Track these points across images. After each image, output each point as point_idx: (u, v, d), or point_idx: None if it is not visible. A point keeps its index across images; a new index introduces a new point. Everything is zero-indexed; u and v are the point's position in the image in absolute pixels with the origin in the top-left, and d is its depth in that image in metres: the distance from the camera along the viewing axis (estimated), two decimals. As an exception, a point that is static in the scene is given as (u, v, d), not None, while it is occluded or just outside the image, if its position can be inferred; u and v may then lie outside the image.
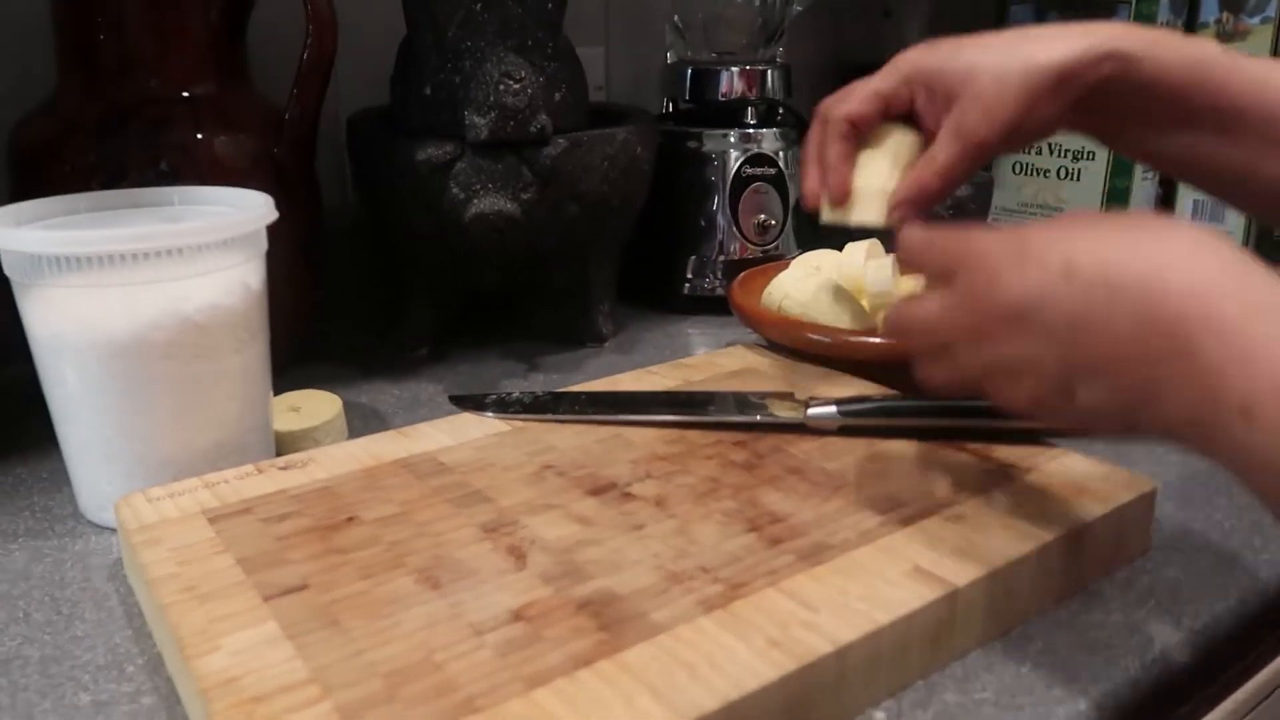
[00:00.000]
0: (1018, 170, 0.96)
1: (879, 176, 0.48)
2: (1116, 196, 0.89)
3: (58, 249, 0.42)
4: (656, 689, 0.30)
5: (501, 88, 0.57)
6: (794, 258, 0.68)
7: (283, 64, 0.59)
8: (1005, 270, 0.33)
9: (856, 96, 0.49)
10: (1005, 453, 0.46)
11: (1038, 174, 0.94)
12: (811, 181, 0.50)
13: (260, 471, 0.45)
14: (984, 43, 0.46)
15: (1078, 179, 0.92)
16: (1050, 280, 0.31)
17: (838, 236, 0.68)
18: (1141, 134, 0.45)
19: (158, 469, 0.45)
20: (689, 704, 0.29)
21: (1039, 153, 0.94)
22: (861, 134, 0.49)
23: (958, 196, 0.77)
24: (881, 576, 0.36)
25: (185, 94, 0.58)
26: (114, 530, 0.46)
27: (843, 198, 0.49)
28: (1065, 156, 0.92)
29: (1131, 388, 0.30)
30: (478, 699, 0.30)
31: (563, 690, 0.30)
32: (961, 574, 0.36)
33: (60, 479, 0.49)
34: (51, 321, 0.43)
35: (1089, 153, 0.90)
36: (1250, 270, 0.29)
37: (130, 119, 0.55)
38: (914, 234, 0.38)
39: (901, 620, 0.34)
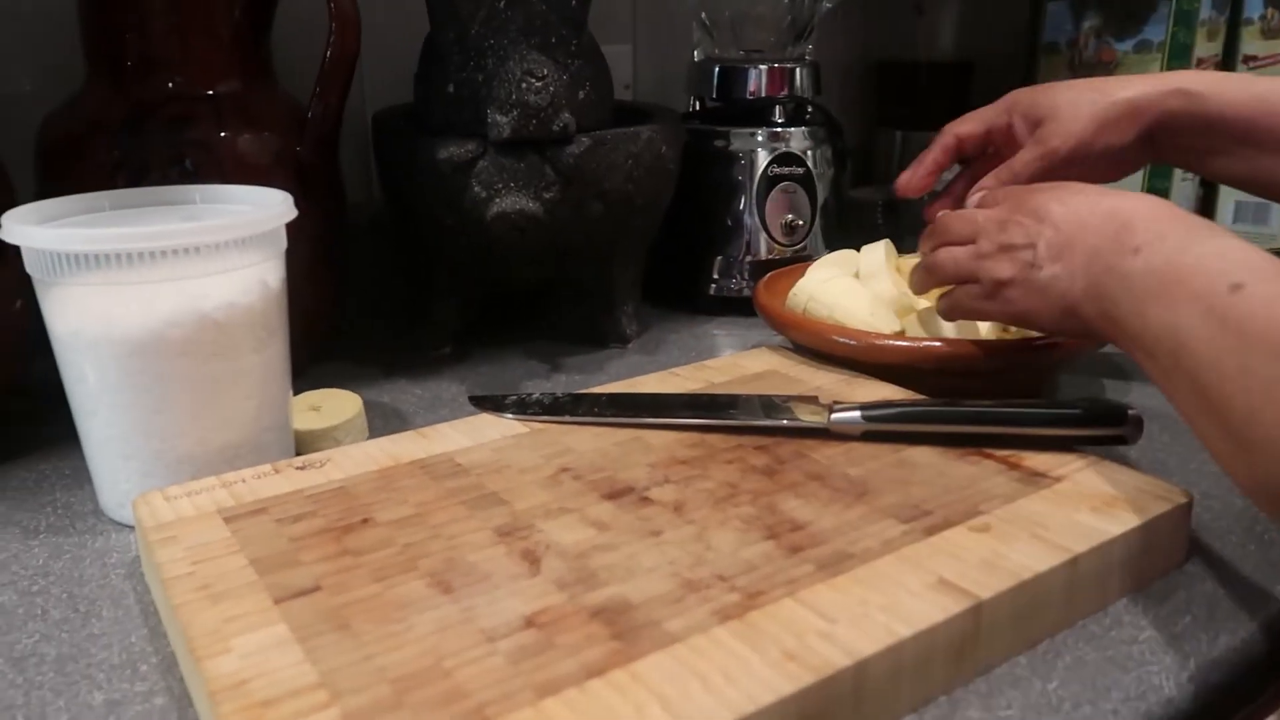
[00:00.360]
0: (1052, 170, 0.94)
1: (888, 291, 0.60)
2: (1154, 194, 0.87)
3: (76, 247, 0.42)
4: (668, 700, 0.29)
5: (524, 85, 0.56)
6: (820, 259, 0.67)
7: (310, 61, 0.59)
8: (1040, 191, 0.48)
9: (968, 118, 0.61)
10: (1035, 460, 0.44)
11: (1073, 174, 0.92)
12: (904, 175, 0.63)
13: (277, 471, 0.45)
14: (1075, 83, 0.57)
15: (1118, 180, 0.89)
16: (1067, 196, 0.45)
17: (862, 237, 0.67)
18: (1210, 158, 0.55)
19: (175, 467, 0.45)
20: (701, 716, 0.29)
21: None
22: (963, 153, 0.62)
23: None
24: (904, 587, 0.35)
25: (209, 92, 0.58)
26: (133, 528, 0.46)
27: (911, 188, 0.63)
28: (1101, 156, 0.90)
29: (1079, 261, 0.43)
30: (487, 707, 0.29)
31: (573, 700, 0.29)
32: (986, 586, 0.35)
33: (83, 476, 0.49)
34: (71, 319, 0.43)
35: (1126, 152, 0.88)
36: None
37: (153, 116, 0.56)
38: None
39: (924, 633, 0.33)
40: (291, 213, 0.48)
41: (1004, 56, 1.05)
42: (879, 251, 0.63)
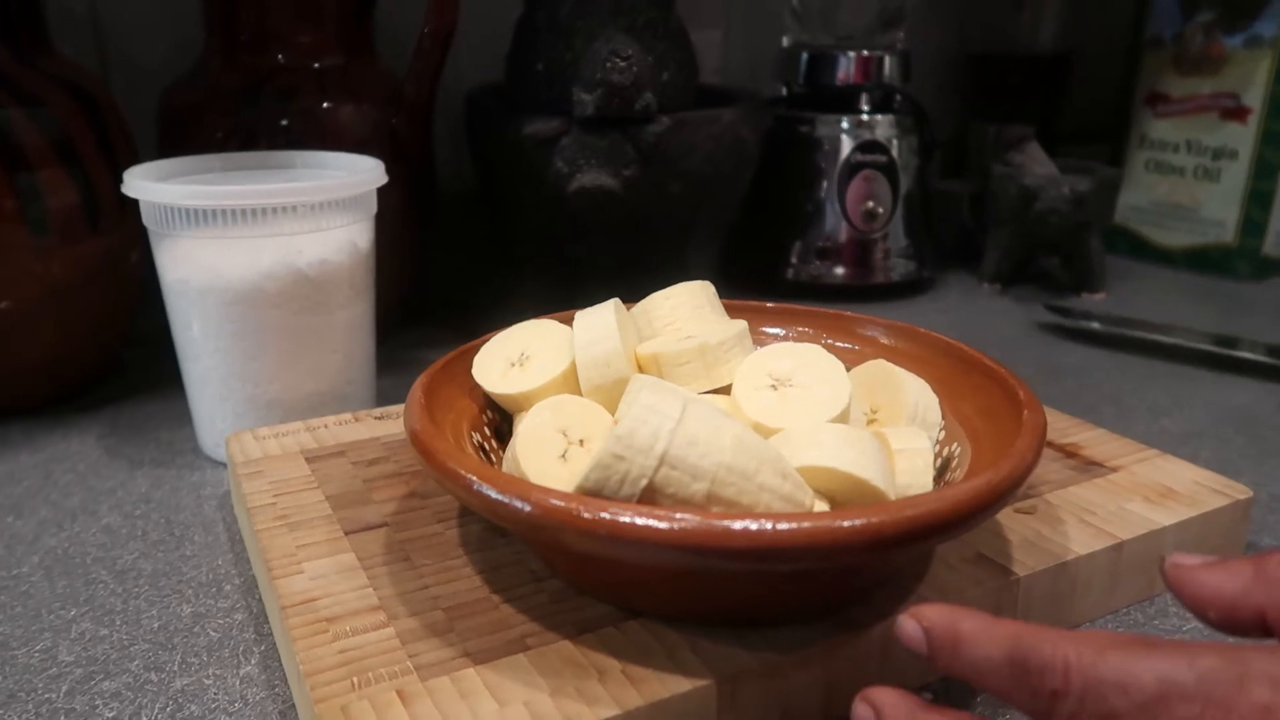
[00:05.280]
0: (1150, 167, 0.91)
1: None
2: (1259, 200, 0.84)
3: (188, 201, 0.45)
4: (699, 648, 0.31)
5: (609, 65, 0.58)
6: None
7: (412, 38, 0.62)
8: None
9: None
10: (1094, 450, 0.44)
11: (1172, 172, 0.90)
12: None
13: (357, 420, 0.48)
14: None
15: (1217, 179, 0.87)
16: None
17: (947, 230, 0.65)
18: None
19: (265, 411, 0.49)
20: (726, 660, 0.30)
21: (1175, 150, 0.89)
22: None
23: (1077, 191, 0.74)
24: (942, 560, 0.36)
25: (315, 65, 0.61)
26: (225, 465, 0.50)
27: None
28: (1204, 154, 0.87)
29: None
30: (529, 637, 0.31)
31: (609, 638, 0.31)
32: (1024, 564, 0.35)
33: (185, 417, 0.53)
34: (180, 269, 0.47)
35: (1231, 150, 0.85)
36: None
37: (263, 88, 0.59)
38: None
39: (959, 602, 0.33)
40: (382, 179, 0.51)
41: (1103, 50, 1.02)
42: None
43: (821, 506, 0.31)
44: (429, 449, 0.31)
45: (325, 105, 0.61)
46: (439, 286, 0.79)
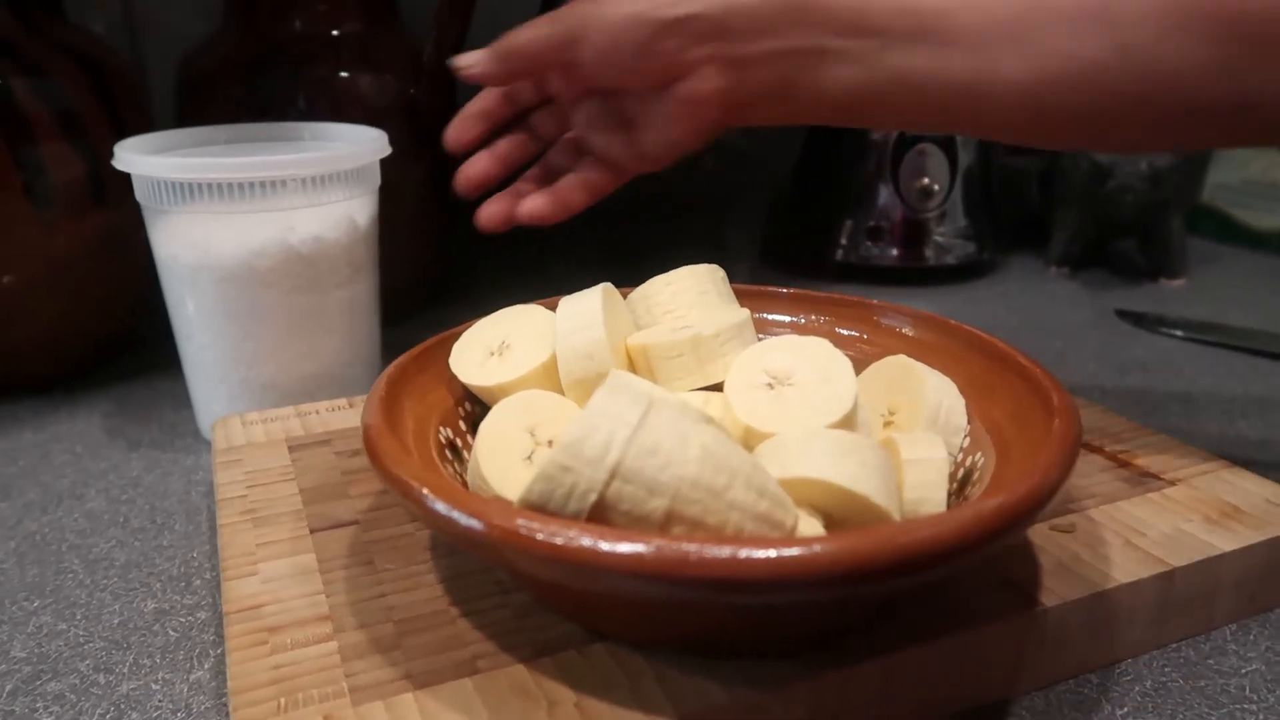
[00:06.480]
0: (1243, 142, 0.84)
1: None
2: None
3: (175, 175, 0.43)
4: (666, 679, 0.27)
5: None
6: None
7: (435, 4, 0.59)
8: None
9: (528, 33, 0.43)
10: (1150, 459, 0.39)
11: (1268, 147, 0.82)
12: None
13: (351, 405, 0.45)
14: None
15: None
16: None
17: (1010, 207, 0.60)
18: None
19: (261, 394, 0.47)
20: (695, 696, 0.27)
21: (1272, 123, 0.81)
22: None
23: (1155, 167, 0.68)
24: (965, 583, 0.32)
25: (333, 33, 0.59)
26: None
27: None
28: (1305, 128, 0.79)
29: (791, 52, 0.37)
30: (481, 659, 0.28)
31: (569, 663, 0.28)
32: (1055, 592, 0.31)
33: (190, 397, 0.52)
34: (170, 245, 0.45)
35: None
36: None
37: (277, 56, 0.57)
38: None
39: (976, 635, 0.29)
40: (382, 151, 0.48)
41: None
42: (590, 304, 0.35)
43: (814, 526, 0.28)
44: (373, 448, 0.28)
45: (343, 75, 0.58)
46: (468, 266, 0.76)
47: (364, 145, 0.47)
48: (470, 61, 0.41)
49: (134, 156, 0.44)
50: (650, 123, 0.40)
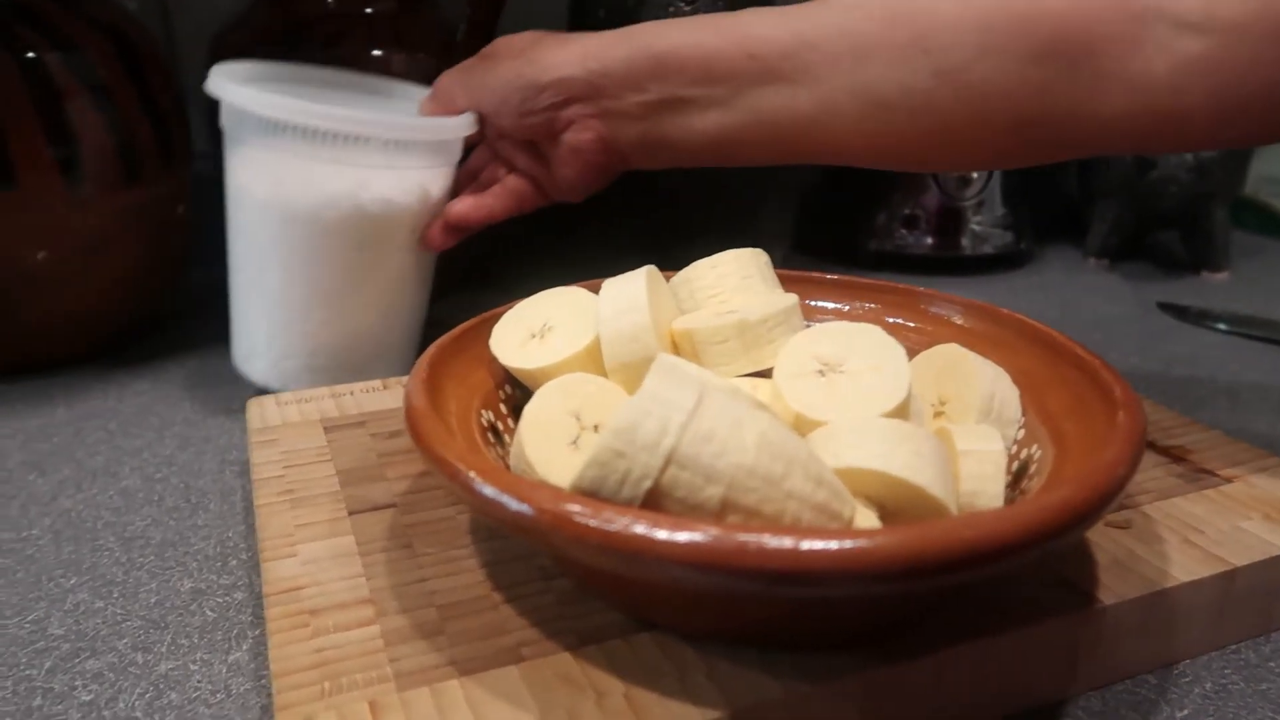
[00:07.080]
0: (1289, 133, 0.82)
1: None
2: None
3: (259, 108, 0.43)
4: (715, 670, 0.27)
5: (671, 11, 0.53)
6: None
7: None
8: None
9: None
10: (1205, 454, 0.38)
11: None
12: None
13: (385, 388, 0.45)
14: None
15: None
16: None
17: (1045, 196, 0.59)
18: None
19: (299, 340, 0.47)
20: (747, 688, 0.26)
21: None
22: None
23: (1201, 158, 0.66)
24: (1020, 579, 0.31)
25: (366, 10, 0.58)
26: (250, 384, 0.49)
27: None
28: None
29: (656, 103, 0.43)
30: (525, 646, 0.28)
31: (615, 652, 0.27)
32: (1112, 590, 0.30)
33: (225, 376, 0.52)
34: (244, 175, 0.45)
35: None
36: None
37: (309, 33, 0.57)
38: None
39: (1031, 632, 0.29)
40: (469, 128, 0.47)
41: None
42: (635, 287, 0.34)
43: (869, 518, 0.27)
44: (417, 430, 0.28)
45: (375, 53, 0.58)
46: (499, 249, 0.76)
47: (451, 119, 0.47)
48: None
49: (223, 82, 0.44)
50: (554, 165, 0.47)
